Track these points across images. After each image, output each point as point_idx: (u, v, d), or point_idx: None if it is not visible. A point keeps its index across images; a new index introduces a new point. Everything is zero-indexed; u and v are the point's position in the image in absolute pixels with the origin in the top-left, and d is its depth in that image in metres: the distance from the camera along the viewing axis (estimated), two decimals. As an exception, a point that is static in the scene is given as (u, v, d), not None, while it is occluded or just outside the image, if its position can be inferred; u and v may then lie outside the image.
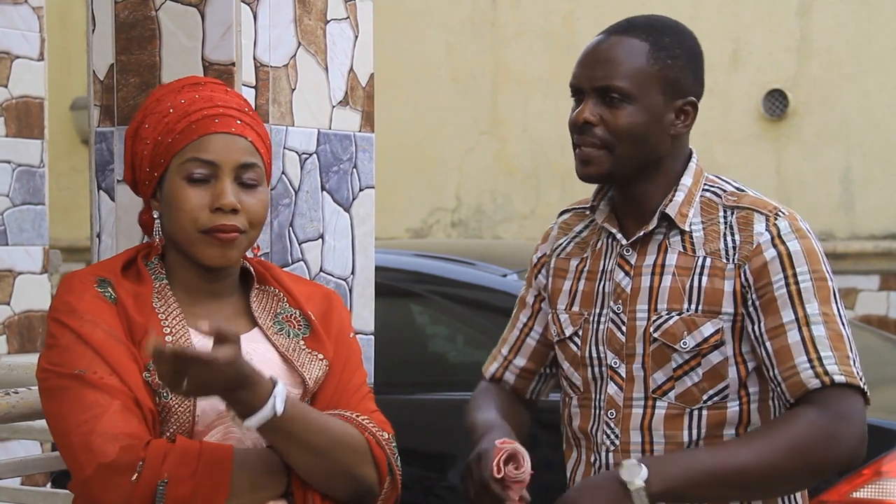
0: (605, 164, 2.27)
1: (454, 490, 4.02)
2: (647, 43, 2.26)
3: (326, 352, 2.18)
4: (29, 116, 5.48)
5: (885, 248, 8.92)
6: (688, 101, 2.29)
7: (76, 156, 10.88)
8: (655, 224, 2.30)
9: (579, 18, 9.62)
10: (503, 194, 10.05)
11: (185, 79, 2.23)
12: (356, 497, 2.14)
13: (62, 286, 2.12)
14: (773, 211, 2.27)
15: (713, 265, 2.26)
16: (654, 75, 2.26)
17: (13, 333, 5.45)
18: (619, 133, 2.25)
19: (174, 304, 2.13)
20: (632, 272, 2.31)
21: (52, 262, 5.65)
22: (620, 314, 2.31)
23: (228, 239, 2.10)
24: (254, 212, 2.12)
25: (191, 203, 2.09)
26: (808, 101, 9.18)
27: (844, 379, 2.17)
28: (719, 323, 2.24)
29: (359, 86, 2.82)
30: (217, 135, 2.11)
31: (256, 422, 2.00)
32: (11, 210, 5.40)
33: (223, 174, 2.10)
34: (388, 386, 2.51)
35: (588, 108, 2.27)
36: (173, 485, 1.98)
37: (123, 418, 2.00)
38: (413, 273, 4.51)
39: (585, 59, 2.31)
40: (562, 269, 2.44)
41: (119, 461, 1.97)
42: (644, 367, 2.28)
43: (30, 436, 4.00)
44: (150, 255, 2.19)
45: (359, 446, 2.13)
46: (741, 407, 2.26)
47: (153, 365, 1.99)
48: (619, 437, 2.30)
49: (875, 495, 3.43)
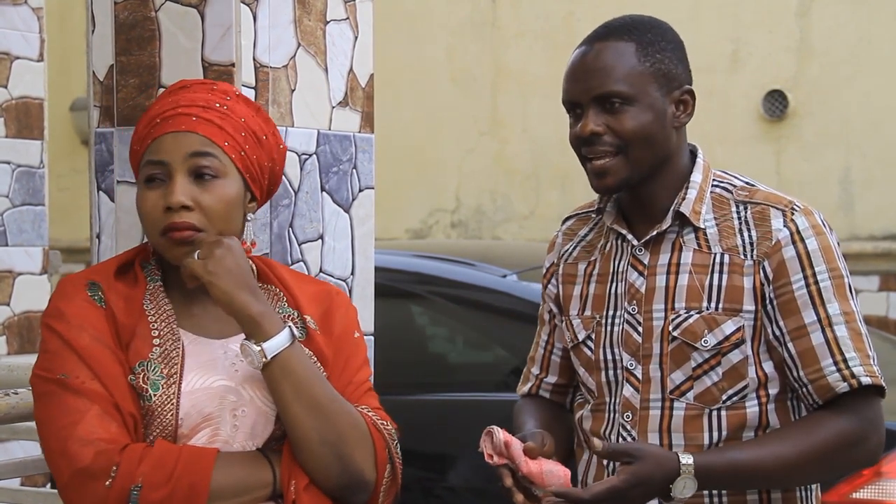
0: (621, 171, 2.25)
1: (454, 490, 4.03)
2: (632, 43, 2.26)
3: (323, 356, 2.17)
4: (29, 117, 5.49)
5: (885, 248, 8.91)
6: (684, 90, 2.29)
7: (76, 156, 10.87)
8: (669, 223, 2.29)
9: (579, 19, 9.61)
10: (503, 195, 10.05)
11: (181, 82, 2.23)
12: (347, 486, 2.10)
13: (56, 291, 2.14)
14: (788, 206, 2.26)
15: (731, 262, 2.24)
16: (648, 72, 2.25)
17: (13, 334, 5.45)
18: (629, 136, 2.24)
19: (166, 306, 2.13)
20: (646, 272, 2.29)
21: (52, 262, 5.65)
22: (636, 315, 2.29)
23: (183, 237, 2.09)
24: (209, 206, 2.10)
25: (146, 206, 2.11)
26: (808, 102, 9.18)
27: (870, 381, 2.21)
28: (740, 321, 2.23)
29: (358, 86, 2.82)
30: (167, 135, 2.11)
31: (275, 346, 2.04)
32: (11, 211, 5.40)
33: (175, 172, 2.10)
34: (387, 387, 2.51)
35: (591, 119, 2.25)
36: (147, 489, 1.98)
37: (101, 423, 2.01)
38: (413, 274, 4.51)
39: (574, 72, 2.29)
40: (570, 274, 2.42)
41: (93, 466, 1.98)
42: (661, 368, 2.26)
43: (29, 436, 4.00)
44: (148, 257, 2.19)
45: (357, 422, 2.12)
46: (760, 408, 2.26)
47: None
48: (636, 440, 2.27)
49: (875, 496, 3.43)
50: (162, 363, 2.07)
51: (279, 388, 2.07)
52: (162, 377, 2.06)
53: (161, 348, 2.09)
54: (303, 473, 2.08)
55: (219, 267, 2.05)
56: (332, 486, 2.09)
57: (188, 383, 2.08)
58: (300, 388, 2.06)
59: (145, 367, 2.07)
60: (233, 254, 2.07)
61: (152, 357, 2.07)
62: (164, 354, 2.08)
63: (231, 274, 2.06)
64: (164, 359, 2.08)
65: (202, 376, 2.09)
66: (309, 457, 2.08)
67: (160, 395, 2.05)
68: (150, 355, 2.07)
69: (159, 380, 2.06)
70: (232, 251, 2.07)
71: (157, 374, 2.06)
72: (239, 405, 2.10)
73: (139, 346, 2.08)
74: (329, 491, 2.10)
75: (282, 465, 2.09)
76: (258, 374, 2.09)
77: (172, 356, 2.08)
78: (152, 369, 2.07)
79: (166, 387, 2.06)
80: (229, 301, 2.06)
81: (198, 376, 2.09)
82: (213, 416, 2.08)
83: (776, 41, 9.23)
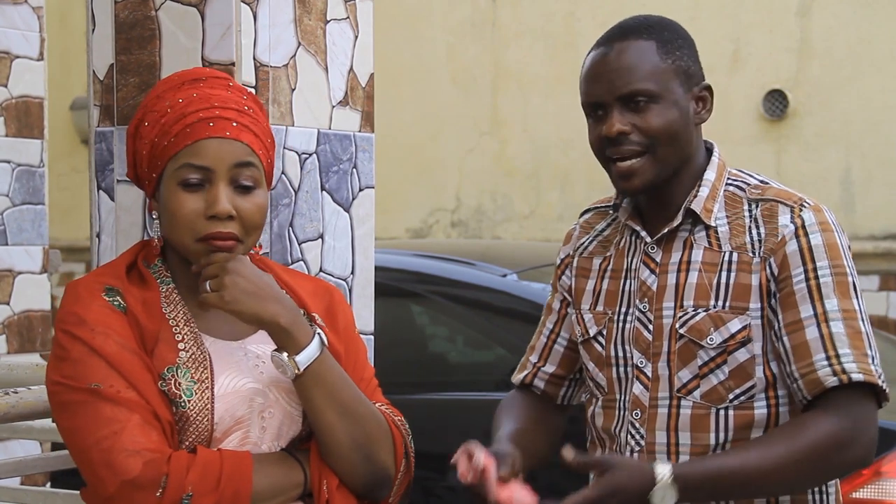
0: (648, 172, 2.24)
1: (454, 490, 4.02)
2: (652, 41, 2.26)
3: (337, 354, 2.16)
4: (29, 116, 5.48)
5: (885, 248, 8.92)
6: (703, 86, 2.30)
7: (76, 156, 10.88)
8: (680, 220, 2.28)
9: (579, 19, 9.61)
10: (503, 195, 10.05)
11: (187, 72, 2.16)
12: (372, 484, 2.12)
13: (67, 295, 2.09)
14: (797, 202, 2.26)
15: (740, 260, 2.24)
16: (670, 69, 2.25)
17: (13, 333, 5.45)
18: (656, 134, 2.23)
19: (183, 310, 2.11)
20: (657, 270, 2.29)
21: (52, 261, 5.65)
22: (647, 312, 2.29)
23: (225, 247, 2.06)
24: (249, 217, 2.08)
25: (185, 210, 2.06)
26: (808, 102, 9.18)
27: (862, 377, 2.16)
28: (746, 319, 2.22)
29: (358, 86, 2.82)
30: (211, 140, 2.06)
31: (307, 357, 2.04)
32: (11, 210, 5.40)
33: (217, 179, 2.06)
34: (387, 386, 2.51)
35: (616, 118, 2.24)
36: (198, 497, 1.97)
37: (144, 433, 1.98)
38: (413, 273, 4.51)
39: (596, 73, 2.27)
40: (585, 268, 2.42)
41: (143, 477, 1.96)
42: (669, 365, 2.26)
43: (29, 436, 4.00)
44: (150, 257, 2.16)
45: (381, 421, 2.13)
46: (769, 409, 2.24)
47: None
48: (644, 438, 2.27)
49: (874, 496, 3.43)
50: (191, 368, 2.05)
51: (311, 396, 2.07)
52: (194, 382, 2.04)
53: (187, 353, 2.06)
54: (332, 473, 2.09)
55: (235, 293, 2.03)
56: (359, 485, 2.11)
57: (220, 387, 2.06)
58: (331, 394, 2.07)
59: (174, 372, 2.04)
60: (241, 274, 2.05)
61: (180, 362, 2.05)
62: (192, 359, 2.06)
63: (249, 294, 2.04)
64: (193, 363, 2.05)
65: (232, 379, 2.08)
66: (340, 460, 2.09)
67: (195, 400, 2.03)
68: (177, 360, 2.05)
69: (192, 385, 2.04)
70: (239, 272, 2.05)
71: (189, 380, 2.04)
72: (266, 407, 2.10)
73: (164, 351, 2.05)
74: (356, 489, 2.11)
75: (311, 466, 2.09)
76: (282, 376, 2.09)
77: (200, 360, 2.06)
78: (182, 375, 2.04)
79: (199, 392, 2.04)
80: (259, 321, 2.05)
81: (228, 379, 2.08)
82: (244, 419, 2.07)
83: (776, 41, 9.23)
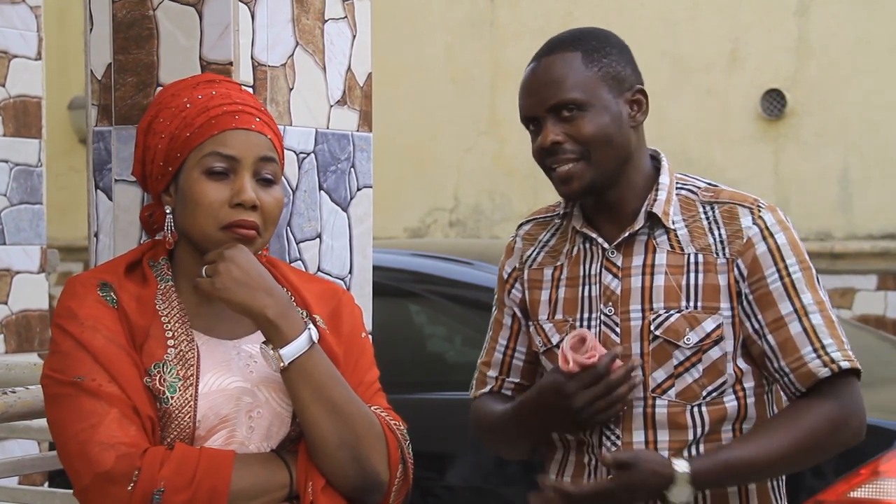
0: (586, 175, 2.32)
1: (453, 490, 4.03)
2: (577, 52, 2.34)
3: (334, 356, 2.15)
4: (27, 116, 5.48)
5: (883, 247, 8.92)
6: (635, 90, 2.37)
7: (74, 155, 10.87)
8: (641, 224, 2.34)
9: (578, 19, 9.61)
10: (501, 194, 10.05)
11: (199, 76, 2.21)
12: (362, 488, 2.10)
13: (65, 291, 2.11)
14: (754, 203, 2.35)
15: (705, 261, 2.32)
16: (597, 77, 2.33)
17: (11, 333, 5.45)
18: (589, 140, 2.31)
19: (178, 306, 2.12)
20: (620, 274, 2.35)
21: (50, 261, 5.66)
22: (613, 316, 2.34)
23: (249, 236, 2.09)
24: (269, 211, 2.11)
25: (210, 198, 2.08)
26: (807, 102, 9.18)
27: (849, 365, 2.28)
28: (719, 319, 2.30)
29: (357, 85, 2.82)
30: (238, 130, 2.10)
31: (293, 351, 2.04)
32: (9, 209, 5.40)
33: (243, 169, 2.09)
34: (385, 386, 2.51)
35: (549, 129, 2.33)
36: (169, 493, 1.97)
37: (120, 426, 1.99)
38: (411, 273, 4.50)
39: (527, 88, 2.40)
40: (536, 279, 2.47)
41: (115, 470, 1.97)
42: (642, 367, 2.31)
43: (27, 435, 4.01)
44: (157, 256, 2.17)
45: (373, 423, 2.12)
46: (738, 402, 2.32)
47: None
48: (620, 438, 2.32)
49: (873, 495, 3.43)
50: (178, 365, 2.06)
51: (297, 392, 2.06)
52: (178, 379, 2.05)
53: (176, 350, 2.07)
54: (319, 474, 2.08)
55: (226, 281, 2.04)
56: (347, 487, 2.09)
57: (205, 385, 2.07)
58: (319, 391, 2.06)
59: (161, 368, 2.05)
60: (237, 262, 2.06)
61: (167, 359, 2.06)
62: (180, 356, 2.07)
63: (240, 283, 2.05)
64: (180, 360, 2.06)
65: (218, 378, 2.08)
66: (326, 459, 2.07)
67: (177, 397, 2.04)
68: (165, 357, 2.06)
69: (176, 382, 2.04)
70: (235, 260, 2.06)
71: (174, 376, 2.05)
72: (254, 406, 2.10)
73: (153, 347, 2.06)
74: (344, 492, 2.10)
75: (298, 467, 2.08)
76: (273, 376, 2.09)
77: (188, 358, 2.07)
78: (168, 371, 2.05)
79: (183, 389, 2.04)
80: (246, 311, 2.06)
81: (214, 378, 2.08)
82: (230, 418, 2.07)
83: (775, 40, 9.24)
